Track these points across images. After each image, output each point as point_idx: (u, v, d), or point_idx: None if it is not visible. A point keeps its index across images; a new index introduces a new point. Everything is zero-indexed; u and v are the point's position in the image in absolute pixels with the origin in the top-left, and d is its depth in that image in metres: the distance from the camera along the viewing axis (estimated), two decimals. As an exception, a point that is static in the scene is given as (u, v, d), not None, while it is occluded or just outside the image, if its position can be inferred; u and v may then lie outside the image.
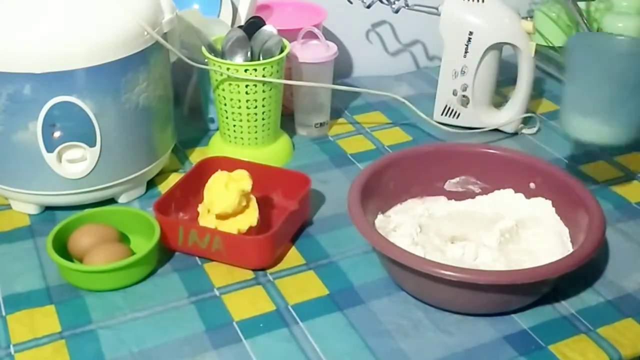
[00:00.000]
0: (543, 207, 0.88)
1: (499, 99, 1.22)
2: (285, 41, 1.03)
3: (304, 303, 0.81)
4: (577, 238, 0.81)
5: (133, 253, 0.84)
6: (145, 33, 0.90)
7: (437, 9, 1.11)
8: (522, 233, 0.86)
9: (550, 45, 1.33)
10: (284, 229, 0.87)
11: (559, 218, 0.87)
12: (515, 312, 0.79)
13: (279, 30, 1.03)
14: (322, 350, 0.74)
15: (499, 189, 0.92)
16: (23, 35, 0.84)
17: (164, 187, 0.99)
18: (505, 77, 1.26)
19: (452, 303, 0.78)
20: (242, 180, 0.87)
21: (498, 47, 1.09)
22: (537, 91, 1.26)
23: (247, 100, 1.00)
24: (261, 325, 0.78)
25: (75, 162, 0.90)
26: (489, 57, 1.09)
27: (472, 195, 0.93)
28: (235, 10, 1.13)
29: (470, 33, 1.06)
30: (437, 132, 1.14)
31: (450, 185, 0.94)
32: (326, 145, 1.12)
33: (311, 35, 1.10)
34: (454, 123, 1.15)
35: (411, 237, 0.83)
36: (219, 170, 0.89)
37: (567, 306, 0.80)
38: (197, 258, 0.87)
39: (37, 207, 0.95)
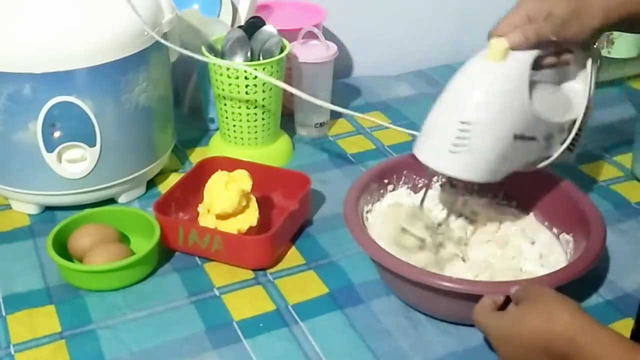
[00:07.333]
0: (541, 215, 0.88)
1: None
2: (285, 41, 1.03)
3: (303, 303, 0.81)
4: (577, 247, 0.80)
5: (133, 253, 0.84)
6: (146, 33, 0.90)
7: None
8: (520, 242, 0.85)
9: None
10: (284, 229, 0.87)
11: (558, 225, 0.86)
12: (515, 312, 0.79)
13: (279, 30, 1.03)
14: (322, 350, 0.74)
15: (497, 195, 0.91)
16: (23, 36, 0.84)
17: (164, 187, 0.99)
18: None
19: (444, 312, 0.78)
20: (242, 180, 0.87)
21: None
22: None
23: (247, 100, 1.00)
24: (261, 325, 0.78)
25: (75, 162, 0.90)
26: None
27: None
28: (235, 10, 1.13)
29: None
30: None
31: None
32: (326, 145, 1.12)
33: (311, 35, 1.10)
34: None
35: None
36: (219, 170, 0.89)
37: (567, 306, 0.80)
38: (197, 258, 0.87)
39: (37, 207, 0.95)
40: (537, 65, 0.76)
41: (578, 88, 0.81)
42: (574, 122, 0.80)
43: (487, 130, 0.73)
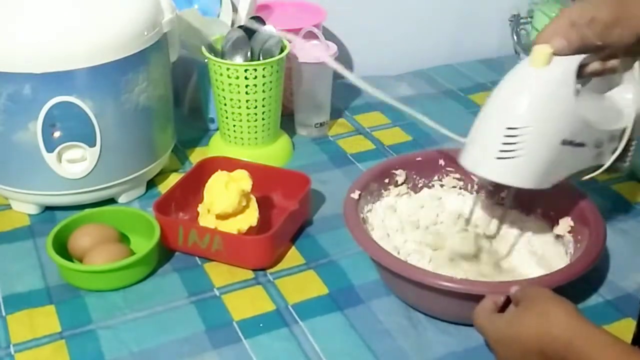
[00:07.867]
0: (542, 216, 0.88)
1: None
2: (285, 41, 1.03)
3: (303, 302, 0.81)
4: (577, 247, 0.80)
5: (133, 253, 0.84)
6: (145, 33, 0.90)
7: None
8: (521, 242, 0.85)
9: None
10: (284, 229, 0.87)
11: (558, 227, 0.85)
12: (515, 312, 0.78)
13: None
14: (322, 350, 0.74)
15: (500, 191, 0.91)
16: (23, 36, 0.84)
17: (164, 187, 0.99)
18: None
19: (444, 312, 0.78)
20: (242, 180, 0.87)
21: None
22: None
23: (247, 100, 1.00)
24: (261, 325, 0.78)
25: (75, 162, 0.90)
26: None
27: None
28: (235, 10, 1.13)
29: None
30: (436, 132, 1.14)
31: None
32: (326, 145, 1.12)
33: (311, 35, 1.10)
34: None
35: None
36: (219, 170, 0.89)
37: (567, 306, 0.80)
38: (197, 258, 0.87)
39: (37, 207, 0.95)
40: (582, 72, 0.75)
41: (627, 96, 0.80)
42: (624, 130, 0.79)
43: (534, 136, 0.72)
